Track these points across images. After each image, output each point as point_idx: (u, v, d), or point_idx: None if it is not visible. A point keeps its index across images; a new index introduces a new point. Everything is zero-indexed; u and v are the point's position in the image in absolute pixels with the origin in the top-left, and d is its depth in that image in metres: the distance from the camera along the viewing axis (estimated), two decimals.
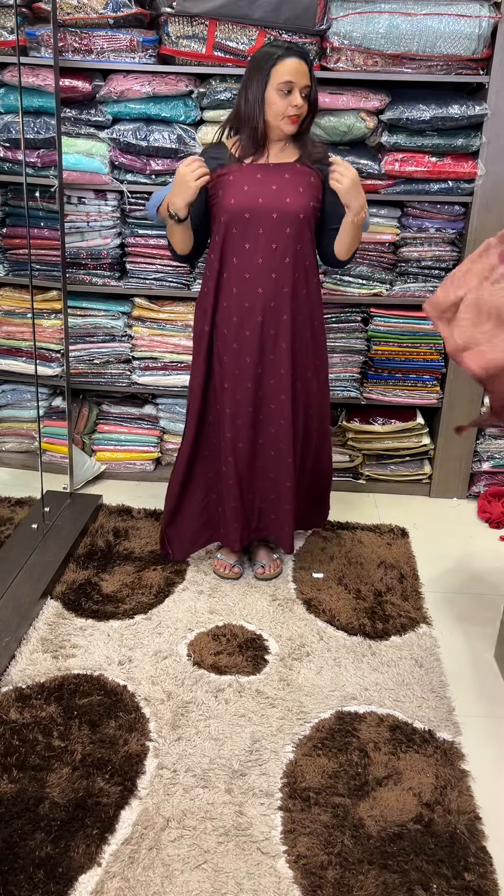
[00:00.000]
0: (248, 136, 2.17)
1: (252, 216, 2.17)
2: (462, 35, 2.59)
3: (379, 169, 2.79)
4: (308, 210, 2.20)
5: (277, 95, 2.10)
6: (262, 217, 2.17)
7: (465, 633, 2.42)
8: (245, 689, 2.12)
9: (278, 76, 2.08)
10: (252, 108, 2.13)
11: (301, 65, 2.09)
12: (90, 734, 1.93)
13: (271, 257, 2.21)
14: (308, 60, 2.12)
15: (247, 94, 2.14)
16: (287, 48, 2.10)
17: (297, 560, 2.73)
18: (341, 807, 1.77)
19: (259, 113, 2.12)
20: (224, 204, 2.20)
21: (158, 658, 2.22)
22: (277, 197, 2.16)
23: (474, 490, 3.26)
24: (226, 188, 2.20)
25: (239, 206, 2.17)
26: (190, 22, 2.65)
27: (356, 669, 2.22)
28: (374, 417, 3.17)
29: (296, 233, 2.19)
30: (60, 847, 1.65)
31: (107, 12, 2.63)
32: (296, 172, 2.20)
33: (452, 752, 1.94)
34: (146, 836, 1.69)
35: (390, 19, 2.59)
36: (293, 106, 2.10)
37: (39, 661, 2.19)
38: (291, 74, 2.08)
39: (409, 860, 1.65)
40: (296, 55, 2.09)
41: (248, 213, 2.17)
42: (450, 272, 2.94)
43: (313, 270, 2.30)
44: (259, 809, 1.77)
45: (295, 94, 2.10)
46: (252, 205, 2.17)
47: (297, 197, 2.17)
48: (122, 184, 2.88)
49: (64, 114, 2.77)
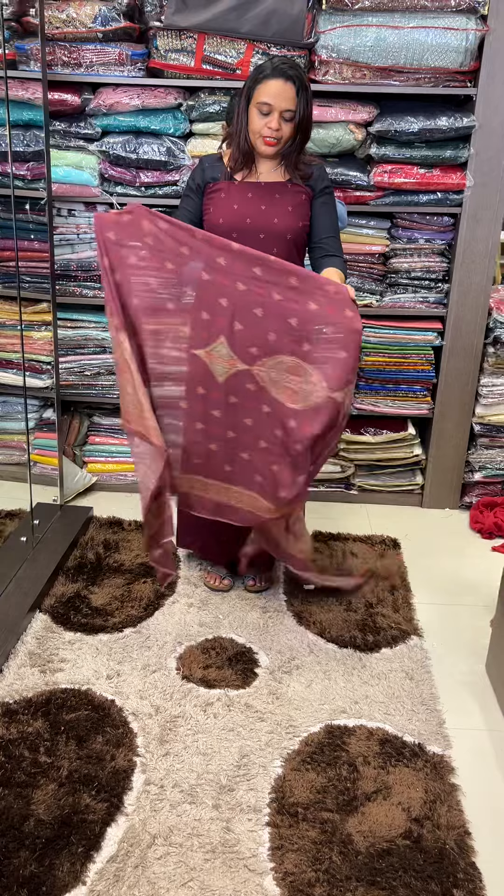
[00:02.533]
0: (236, 149, 2.17)
1: (239, 236, 2.14)
2: (449, 48, 2.61)
3: (368, 180, 2.80)
4: (296, 230, 2.19)
5: (256, 114, 2.08)
6: (249, 237, 2.15)
7: (456, 645, 2.41)
8: (234, 702, 2.11)
9: (258, 95, 2.06)
10: (238, 122, 2.13)
11: (285, 88, 2.04)
12: (77, 749, 1.92)
13: None
14: (298, 84, 2.06)
15: (237, 106, 2.15)
16: (275, 68, 2.06)
17: (288, 572, 2.72)
18: (330, 822, 1.75)
19: (243, 128, 2.12)
20: (213, 221, 2.20)
21: (147, 672, 2.21)
22: (266, 217, 2.15)
23: (466, 500, 3.26)
24: (216, 205, 2.20)
25: (227, 226, 2.17)
26: (178, 35, 2.66)
27: (346, 682, 2.20)
28: (366, 428, 3.17)
29: (283, 254, 2.16)
30: (45, 865, 1.62)
31: (96, 26, 2.64)
32: (286, 192, 2.19)
33: (442, 765, 1.92)
34: (132, 853, 1.67)
35: (378, 32, 2.60)
36: (268, 128, 2.07)
37: (27, 675, 2.17)
38: (270, 96, 2.05)
39: (397, 877, 1.63)
40: (281, 77, 2.04)
41: (236, 232, 2.16)
42: (439, 282, 2.97)
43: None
44: (247, 825, 1.75)
45: (273, 116, 2.06)
46: (240, 224, 2.17)
47: (286, 217, 2.17)
48: (112, 196, 2.88)
49: (53, 127, 2.78)
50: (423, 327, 3.03)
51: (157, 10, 2.67)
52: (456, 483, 3.23)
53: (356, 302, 2.05)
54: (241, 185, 2.20)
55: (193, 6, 2.61)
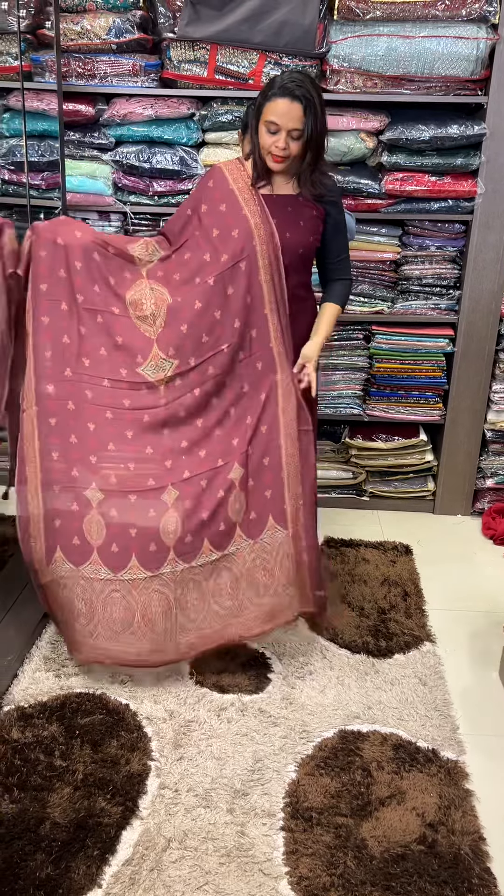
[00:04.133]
0: (253, 164, 2.17)
1: None
2: (460, 57, 2.63)
3: (379, 188, 2.82)
4: (307, 245, 2.19)
5: (265, 132, 2.08)
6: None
7: (469, 651, 2.40)
8: (247, 707, 2.11)
9: (266, 113, 2.05)
10: (252, 140, 2.13)
11: (291, 107, 2.02)
12: (92, 753, 1.93)
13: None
14: (304, 102, 2.01)
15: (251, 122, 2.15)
16: (282, 86, 2.03)
17: None
18: (344, 827, 1.75)
19: (255, 144, 2.12)
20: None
21: (161, 677, 2.22)
22: (279, 231, 2.14)
23: (478, 507, 3.26)
24: None
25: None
26: (191, 46, 2.69)
27: (359, 688, 2.20)
28: (377, 434, 3.18)
29: (292, 267, 2.17)
30: (61, 868, 1.64)
31: (110, 38, 2.67)
32: (297, 205, 2.18)
33: (456, 771, 1.92)
34: (147, 856, 1.68)
35: (389, 42, 2.62)
36: (276, 146, 2.07)
37: (42, 679, 2.19)
38: (277, 116, 2.04)
39: (412, 882, 1.63)
40: (288, 96, 2.02)
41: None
42: (451, 289, 2.98)
43: (309, 301, 2.30)
44: (261, 830, 1.75)
45: (280, 135, 2.06)
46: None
47: (297, 231, 2.16)
48: (126, 205, 2.91)
49: (68, 137, 2.81)
50: (434, 334, 3.04)
51: (170, 22, 2.70)
52: (468, 489, 3.23)
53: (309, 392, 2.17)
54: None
55: (206, 18, 2.64)
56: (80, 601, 2.13)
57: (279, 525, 2.19)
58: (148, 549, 2.12)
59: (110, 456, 2.16)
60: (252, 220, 2.12)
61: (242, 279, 2.13)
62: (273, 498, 2.19)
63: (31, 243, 2.13)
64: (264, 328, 2.16)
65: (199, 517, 2.14)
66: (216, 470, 2.16)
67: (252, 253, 2.12)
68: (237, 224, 2.12)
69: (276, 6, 2.59)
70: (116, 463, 2.15)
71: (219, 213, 2.16)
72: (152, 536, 2.12)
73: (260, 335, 2.17)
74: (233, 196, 2.16)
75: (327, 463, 3.23)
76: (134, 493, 2.14)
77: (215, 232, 2.15)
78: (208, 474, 2.15)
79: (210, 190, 2.19)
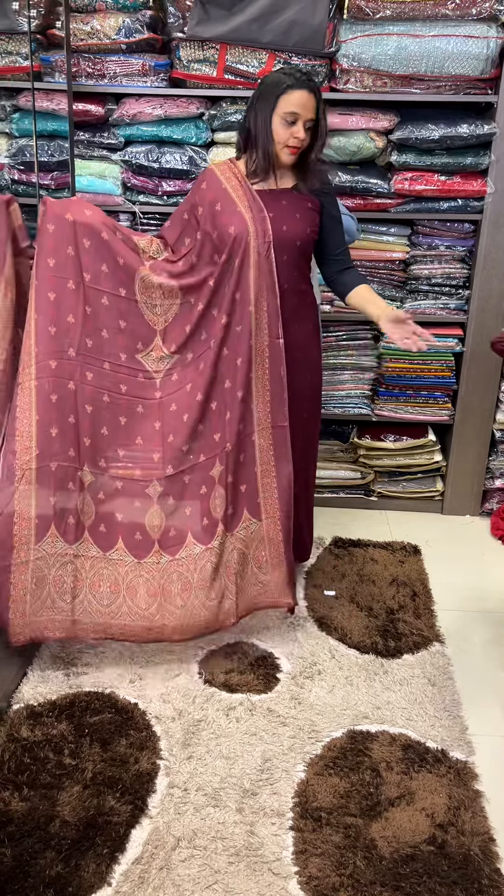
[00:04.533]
0: (259, 161, 2.17)
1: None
2: (470, 56, 2.62)
3: (389, 188, 2.81)
4: (305, 237, 2.18)
5: (281, 124, 2.09)
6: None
7: (478, 652, 2.40)
8: (256, 707, 2.12)
9: (284, 106, 2.07)
10: (260, 133, 2.14)
11: (310, 98, 2.07)
12: (101, 752, 1.93)
13: None
14: (317, 94, 2.10)
15: (255, 117, 2.15)
16: (298, 79, 2.08)
17: (309, 578, 2.73)
18: (353, 827, 1.75)
19: (268, 140, 2.13)
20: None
21: (170, 676, 2.22)
22: (275, 224, 2.15)
23: (487, 507, 3.25)
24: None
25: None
26: (201, 46, 2.70)
27: (368, 688, 2.20)
28: (386, 434, 3.17)
29: (292, 260, 2.18)
30: (71, 866, 1.64)
31: (119, 38, 2.68)
32: (293, 198, 2.18)
33: (466, 771, 1.92)
34: (157, 855, 1.68)
35: (399, 41, 2.62)
36: (295, 137, 2.09)
37: (51, 678, 2.19)
38: (298, 107, 2.06)
39: (422, 882, 1.63)
40: (305, 87, 2.07)
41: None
42: (460, 289, 2.97)
43: (310, 296, 2.30)
44: (270, 829, 1.75)
45: (298, 125, 2.08)
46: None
47: (295, 224, 2.17)
48: (135, 205, 2.91)
49: (77, 137, 2.82)
50: (443, 333, 3.03)
51: (179, 22, 2.70)
52: (477, 489, 3.22)
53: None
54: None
55: (216, 17, 2.64)
56: (69, 577, 2.19)
57: (253, 517, 2.28)
58: (133, 536, 2.23)
59: (103, 439, 2.21)
60: (246, 215, 2.13)
61: (233, 275, 2.14)
62: (247, 492, 2.27)
63: (41, 216, 2.15)
64: (247, 324, 2.17)
65: (183, 513, 2.23)
66: (199, 465, 2.23)
67: (245, 248, 2.12)
68: (232, 221, 2.13)
69: (286, 6, 2.58)
70: (108, 447, 2.21)
71: (214, 213, 2.16)
72: (137, 526, 2.22)
73: (243, 331, 2.18)
74: (226, 194, 2.16)
75: (335, 463, 3.23)
76: (121, 481, 2.21)
77: (214, 233, 2.16)
78: (191, 470, 2.23)
79: (203, 192, 2.20)
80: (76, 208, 2.17)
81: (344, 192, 2.82)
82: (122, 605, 2.21)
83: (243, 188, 2.17)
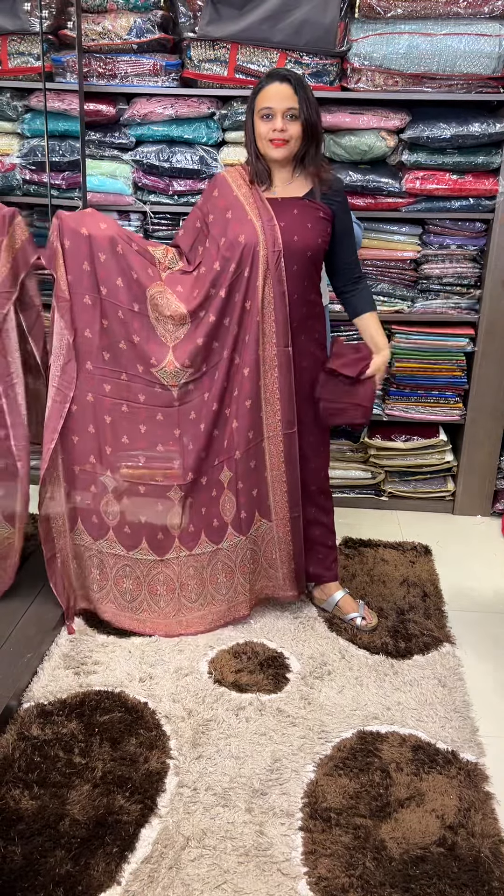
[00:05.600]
0: (254, 162, 2.17)
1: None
2: (482, 54, 2.61)
3: (400, 187, 2.80)
4: (315, 247, 2.17)
5: (261, 122, 2.09)
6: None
7: (489, 653, 2.39)
8: (266, 707, 2.11)
9: (259, 103, 2.08)
10: (249, 137, 2.15)
11: (281, 88, 2.05)
12: (111, 751, 1.94)
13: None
14: (293, 82, 2.05)
15: (245, 123, 2.17)
16: (269, 75, 2.09)
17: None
18: (363, 828, 1.75)
19: (251, 142, 2.14)
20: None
21: (179, 675, 2.22)
22: (286, 234, 2.13)
23: (498, 507, 3.23)
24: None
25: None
26: (212, 46, 2.70)
27: (378, 689, 2.20)
28: (396, 434, 3.17)
29: (302, 270, 2.17)
30: (80, 865, 1.64)
31: (131, 38, 2.68)
32: (303, 207, 2.16)
33: (476, 773, 1.91)
34: (166, 854, 1.69)
35: (410, 40, 2.61)
36: (273, 130, 2.07)
37: (61, 677, 2.20)
38: (269, 100, 2.06)
39: (431, 884, 1.62)
40: (276, 79, 2.06)
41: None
42: (471, 288, 2.96)
43: (319, 306, 2.29)
44: (280, 829, 1.75)
45: (276, 118, 2.06)
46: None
47: (305, 234, 2.15)
48: (146, 205, 2.92)
49: (88, 137, 2.83)
50: (454, 333, 3.02)
51: (190, 22, 2.71)
52: (488, 490, 3.21)
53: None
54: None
55: (227, 17, 2.64)
56: (95, 569, 2.41)
57: (264, 518, 2.39)
58: (156, 537, 2.37)
59: (124, 448, 2.31)
60: (257, 224, 2.13)
61: (244, 284, 2.16)
62: (259, 496, 2.36)
63: (56, 231, 2.17)
64: (255, 334, 2.19)
65: (199, 512, 2.36)
66: (212, 469, 2.33)
67: (255, 257, 2.13)
68: (243, 230, 2.13)
69: (297, 5, 2.58)
70: (129, 455, 2.31)
71: (225, 221, 2.17)
72: (160, 527, 2.36)
73: (250, 340, 2.20)
74: (238, 202, 2.16)
75: (346, 462, 3.22)
76: (143, 486, 2.33)
77: (223, 241, 2.16)
78: (206, 474, 2.34)
79: (215, 199, 2.21)
80: (91, 221, 2.19)
81: (355, 191, 2.81)
82: (143, 602, 2.39)
83: (254, 196, 2.17)
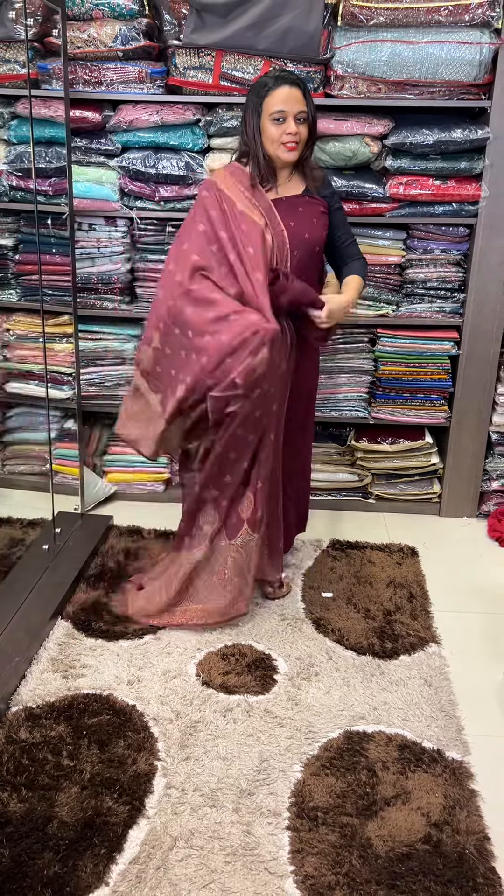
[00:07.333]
0: (255, 168, 2.20)
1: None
2: (463, 61, 2.64)
3: (384, 192, 2.83)
4: (322, 240, 2.28)
5: (272, 125, 2.13)
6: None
7: (474, 653, 2.41)
8: (253, 708, 2.13)
9: (270, 106, 2.12)
10: (252, 139, 2.17)
11: (292, 91, 2.11)
12: (99, 753, 1.94)
13: None
14: (301, 86, 2.14)
15: (246, 126, 2.19)
16: (277, 77, 2.13)
17: (307, 580, 2.74)
18: (349, 826, 1.76)
19: (258, 144, 2.16)
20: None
21: (167, 678, 2.23)
22: (296, 233, 2.19)
23: (484, 509, 3.26)
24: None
25: None
26: (197, 53, 2.72)
27: (365, 689, 2.21)
28: (383, 437, 3.19)
29: (308, 262, 2.25)
30: (68, 866, 1.65)
31: (116, 45, 2.70)
32: (306, 204, 2.23)
33: (461, 771, 1.93)
34: (154, 855, 1.70)
35: (392, 47, 2.64)
36: (287, 133, 2.12)
37: (49, 680, 2.21)
38: (282, 103, 2.11)
39: (417, 881, 1.64)
40: (286, 83, 2.11)
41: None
42: (455, 292, 2.99)
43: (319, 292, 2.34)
44: (267, 829, 1.76)
45: (288, 121, 2.12)
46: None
47: (313, 229, 2.23)
48: (132, 210, 2.94)
49: (75, 143, 2.84)
50: (439, 336, 3.05)
51: (175, 29, 2.73)
52: (473, 492, 3.23)
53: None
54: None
55: (211, 25, 2.67)
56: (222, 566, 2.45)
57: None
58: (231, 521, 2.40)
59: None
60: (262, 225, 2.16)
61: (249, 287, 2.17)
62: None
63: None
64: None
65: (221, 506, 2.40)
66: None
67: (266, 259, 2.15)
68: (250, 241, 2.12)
69: (281, 13, 2.61)
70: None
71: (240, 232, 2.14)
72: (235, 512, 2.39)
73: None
74: (243, 214, 2.15)
75: (333, 465, 3.25)
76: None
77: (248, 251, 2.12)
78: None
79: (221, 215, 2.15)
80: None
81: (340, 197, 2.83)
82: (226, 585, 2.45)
83: (256, 198, 2.19)
